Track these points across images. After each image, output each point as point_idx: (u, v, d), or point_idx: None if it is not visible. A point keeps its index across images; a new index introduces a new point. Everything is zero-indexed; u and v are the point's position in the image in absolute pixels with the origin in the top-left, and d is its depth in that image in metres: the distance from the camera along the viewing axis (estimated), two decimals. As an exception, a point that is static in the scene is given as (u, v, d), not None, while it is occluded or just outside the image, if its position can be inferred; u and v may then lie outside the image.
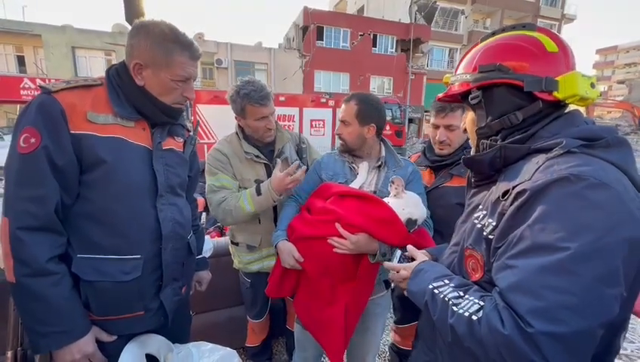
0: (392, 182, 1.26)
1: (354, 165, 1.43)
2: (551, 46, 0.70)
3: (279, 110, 8.14)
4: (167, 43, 0.95)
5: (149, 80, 0.98)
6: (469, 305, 0.64)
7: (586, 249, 0.53)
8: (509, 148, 0.73)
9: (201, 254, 1.43)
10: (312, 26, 18.37)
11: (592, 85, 0.68)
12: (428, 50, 22.05)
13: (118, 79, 0.99)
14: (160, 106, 1.02)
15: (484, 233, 0.71)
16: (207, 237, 1.81)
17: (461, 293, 0.68)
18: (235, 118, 1.59)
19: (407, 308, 1.66)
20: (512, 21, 24.80)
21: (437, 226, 1.39)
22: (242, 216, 1.45)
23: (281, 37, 27.81)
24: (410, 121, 14.04)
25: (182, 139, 1.16)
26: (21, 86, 8.43)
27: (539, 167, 0.64)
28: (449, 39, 23.00)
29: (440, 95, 0.92)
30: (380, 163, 1.41)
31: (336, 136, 1.46)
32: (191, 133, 1.23)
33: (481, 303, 0.63)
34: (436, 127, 1.49)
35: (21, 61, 15.57)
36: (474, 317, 0.61)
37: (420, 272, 0.83)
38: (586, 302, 0.52)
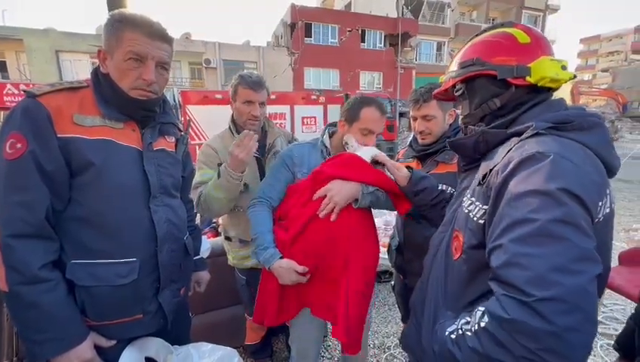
0: (347, 143, 1.35)
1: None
2: (523, 38, 0.79)
3: (270, 108, 8.12)
4: (118, 23, 0.93)
5: (110, 66, 0.95)
6: (477, 317, 0.63)
7: (556, 215, 0.57)
8: (488, 133, 0.80)
9: (198, 255, 1.42)
10: (300, 23, 18.25)
11: (564, 67, 0.75)
12: (416, 44, 22.11)
13: (96, 78, 0.97)
14: (126, 97, 0.96)
15: (474, 217, 0.74)
16: (204, 237, 1.80)
17: (467, 318, 0.68)
18: (229, 103, 1.64)
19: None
20: (497, 13, 25.01)
21: (425, 213, 1.39)
22: (216, 204, 1.42)
23: (269, 35, 27.54)
24: (401, 115, 14.00)
25: (174, 138, 1.15)
26: (4, 92, 8.19)
27: (511, 149, 0.70)
28: (437, 32, 23.10)
29: (435, 91, 1.03)
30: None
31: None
32: (182, 133, 1.22)
33: (482, 308, 0.63)
34: (415, 118, 1.53)
35: (3, 67, 15.14)
36: (482, 324, 0.61)
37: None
38: (570, 259, 0.55)
